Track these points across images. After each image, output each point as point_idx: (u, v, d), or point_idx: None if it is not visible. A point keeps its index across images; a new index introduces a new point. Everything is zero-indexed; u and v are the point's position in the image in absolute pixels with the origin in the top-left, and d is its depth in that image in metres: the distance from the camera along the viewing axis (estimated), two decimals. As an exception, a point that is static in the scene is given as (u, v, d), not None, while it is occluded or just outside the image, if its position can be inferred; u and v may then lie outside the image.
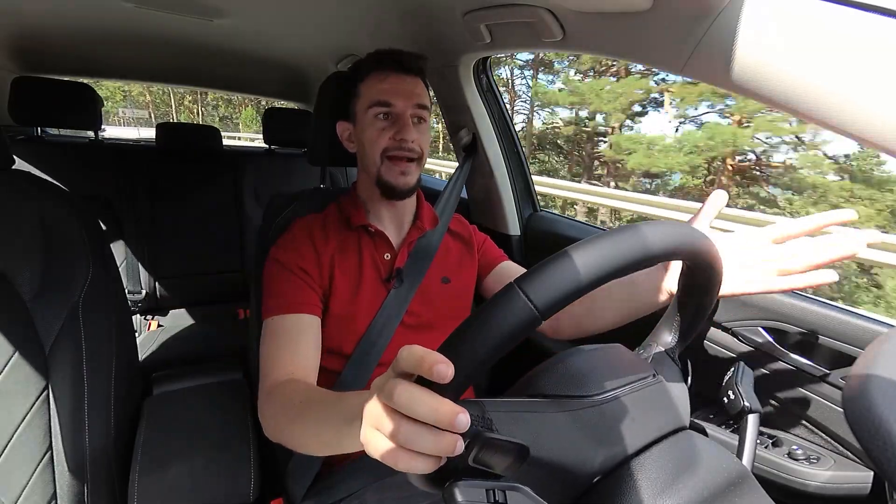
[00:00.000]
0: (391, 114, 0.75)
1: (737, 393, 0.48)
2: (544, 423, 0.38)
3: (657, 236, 0.36)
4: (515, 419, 0.37)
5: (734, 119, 9.79)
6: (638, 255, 0.35)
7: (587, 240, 0.35)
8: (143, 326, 1.71)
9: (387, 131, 0.75)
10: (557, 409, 0.39)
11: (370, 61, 0.77)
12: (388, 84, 0.75)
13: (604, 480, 0.38)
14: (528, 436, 0.36)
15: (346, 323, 0.74)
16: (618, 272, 0.34)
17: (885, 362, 0.33)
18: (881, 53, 0.43)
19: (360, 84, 0.78)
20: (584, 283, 0.33)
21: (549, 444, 0.37)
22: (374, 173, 0.77)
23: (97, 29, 1.39)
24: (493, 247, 0.94)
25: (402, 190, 0.77)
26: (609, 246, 0.34)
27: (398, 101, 0.74)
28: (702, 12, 0.55)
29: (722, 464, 0.40)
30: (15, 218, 0.69)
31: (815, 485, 0.68)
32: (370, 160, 0.77)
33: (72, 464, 0.68)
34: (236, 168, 1.82)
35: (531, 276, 0.33)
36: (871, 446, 0.30)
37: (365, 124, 0.77)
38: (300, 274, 0.72)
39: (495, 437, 0.32)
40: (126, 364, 0.80)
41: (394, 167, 0.75)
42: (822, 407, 0.71)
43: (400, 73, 0.76)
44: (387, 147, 0.75)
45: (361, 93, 0.77)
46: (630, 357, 0.49)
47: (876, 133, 0.45)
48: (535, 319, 0.32)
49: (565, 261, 0.33)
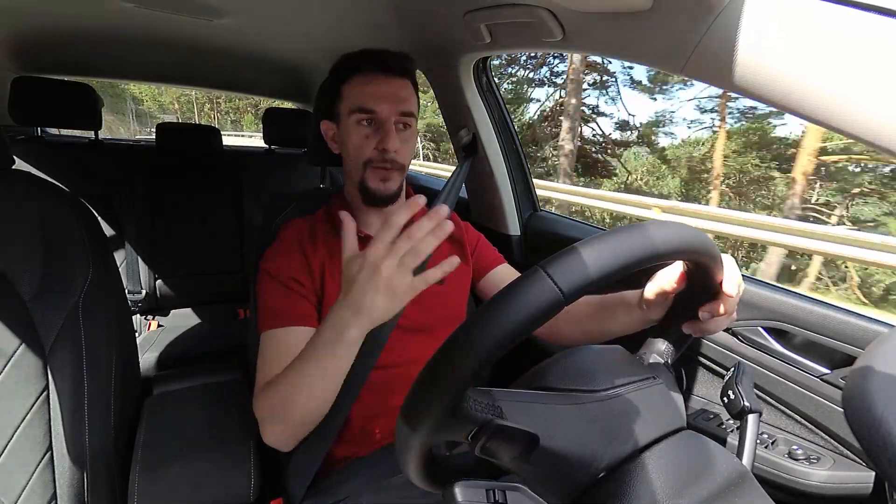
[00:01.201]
0: (374, 120, 0.73)
1: (737, 393, 0.48)
2: (552, 414, 0.38)
3: (679, 233, 0.37)
4: (524, 409, 0.37)
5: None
6: (660, 249, 0.36)
7: (613, 230, 0.36)
8: (143, 326, 1.71)
9: (370, 139, 0.73)
10: (565, 402, 0.40)
11: (353, 62, 0.74)
12: (371, 88, 0.72)
13: (608, 477, 0.38)
14: (537, 426, 0.36)
15: None
16: (640, 263, 0.34)
17: (884, 362, 0.33)
18: (881, 53, 0.43)
19: (343, 85, 0.75)
20: (608, 269, 0.33)
21: (557, 435, 0.37)
22: (356, 179, 0.76)
23: (97, 29, 1.39)
24: (487, 248, 0.93)
25: (384, 196, 0.76)
26: (634, 237, 0.35)
27: (382, 107, 0.72)
28: (702, 12, 0.55)
29: (722, 464, 0.40)
30: (15, 218, 0.69)
31: (815, 484, 0.68)
32: (353, 166, 0.76)
33: (72, 464, 0.68)
34: (236, 168, 1.82)
35: (557, 260, 0.33)
36: (870, 446, 0.30)
37: (348, 129, 0.74)
38: (292, 285, 0.72)
39: (506, 423, 0.32)
40: (126, 364, 0.80)
41: (375, 174, 0.74)
42: (822, 407, 0.71)
43: (385, 76, 0.73)
44: (370, 157, 0.73)
45: (344, 95, 0.75)
46: (631, 358, 0.49)
47: (876, 133, 0.45)
48: (560, 302, 0.31)
49: (591, 247, 0.34)
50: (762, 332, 0.77)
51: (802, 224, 4.88)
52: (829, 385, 0.70)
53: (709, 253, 0.42)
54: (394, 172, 0.75)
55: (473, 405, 0.34)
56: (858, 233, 4.31)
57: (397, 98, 0.73)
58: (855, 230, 5.40)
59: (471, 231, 0.93)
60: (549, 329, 0.78)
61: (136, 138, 2.32)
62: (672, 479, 0.37)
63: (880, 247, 3.86)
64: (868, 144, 0.46)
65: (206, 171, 1.79)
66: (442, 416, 0.33)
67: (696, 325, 0.51)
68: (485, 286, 0.89)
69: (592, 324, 0.73)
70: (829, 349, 0.70)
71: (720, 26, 0.54)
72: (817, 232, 4.41)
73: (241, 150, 1.99)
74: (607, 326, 0.70)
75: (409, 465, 0.38)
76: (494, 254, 0.93)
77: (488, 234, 0.98)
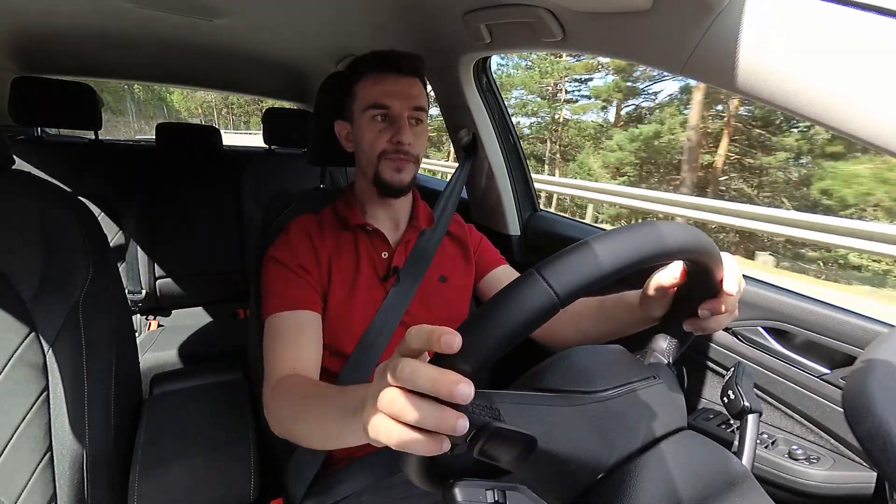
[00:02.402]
0: (388, 115, 0.75)
1: (737, 393, 0.48)
2: (552, 416, 0.38)
3: (674, 234, 0.37)
4: (522, 411, 0.37)
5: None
6: (656, 250, 0.36)
7: (606, 232, 0.36)
8: (143, 326, 1.71)
9: (384, 133, 0.75)
10: (564, 402, 0.39)
11: (367, 62, 0.77)
12: (385, 86, 0.75)
13: (607, 478, 0.38)
14: (536, 428, 0.36)
15: (342, 322, 0.74)
16: (634, 264, 0.34)
17: (884, 362, 0.33)
18: (881, 53, 0.43)
19: (357, 85, 0.78)
20: (603, 271, 0.33)
21: (556, 436, 0.37)
22: (370, 173, 0.77)
23: (97, 29, 1.39)
24: (489, 249, 0.93)
25: (399, 187, 0.77)
26: (627, 238, 0.35)
27: (395, 103, 0.74)
28: (702, 12, 0.55)
29: (722, 464, 0.40)
30: (15, 218, 0.69)
31: (815, 484, 0.68)
32: (367, 160, 0.77)
33: (72, 464, 0.68)
34: (236, 168, 1.82)
35: (551, 263, 0.33)
36: (870, 446, 0.30)
37: (362, 126, 0.77)
38: (299, 272, 0.73)
39: (504, 426, 0.32)
40: (126, 364, 0.80)
41: (389, 164, 0.76)
42: (822, 407, 0.71)
43: (397, 75, 0.76)
44: (384, 150, 0.75)
45: (358, 94, 0.77)
46: (631, 358, 0.49)
47: (875, 133, 0.45)
48: (555, 305, 0.31)
49: (584, 249, 0.34)
50: (762, 332, 0.77)
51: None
52: (829, 385, 0.70)
53: (706, 252, 0.42)
54: (408, 163, 0.77)
55: (471, 408, 0.34)
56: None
57: (409, 94, 0.76)
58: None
59: (474, 233, 0.94)
60: (547, 330, 0.78)
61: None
62: (672, 479, 0.37)
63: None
64: (868, 145, 0.46)
65: (206, 171, 1.79)
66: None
67: (697, 322, 0.51)
68: (484, 287, 0.90)
69: (592, 325, 0.73)
70: (829, 349, 0.70)
71: (720, 26, 0.54)
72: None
73: (240, 151, 1.99)
74: (607, 327, 0.70)
75: (409, 465, 0.38)
76: (495, 255, 0.93)
77: (488, 234, 0.98)
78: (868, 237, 3.83)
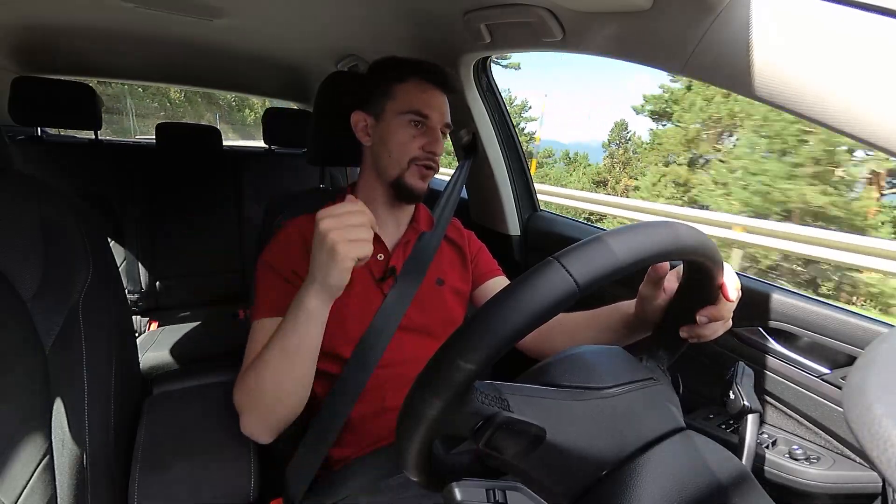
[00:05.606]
0: (425, 125, 0.78)
1: (737, 393, 0.48)
2: (559, 409, 0.38)
3: (690, 234, 0.38)
4: (530, 404, 0.37)
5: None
6: (672, 247, 0.36)
7: (623, 227, 0.36)
8: (143, 326, 1.71)
9: (417, 140, 0.77)
10: (570, 397, 0.40)
11: (412, 67, 0.79)
12: (429, 97, 0.78)
13: (611, 475, 0.38)
14: (543, 421, 0.36)
15: (337, 324, 0.74)
16: (650, 259, 0.35)
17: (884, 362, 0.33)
18: (881, 53, 0.43)
19: (398, 86, 0.79)
20: (619, 263, 0.33)
21: (563, 430, 0.37)
22: (393, 175, 0.78)
23: (97, 29, 1.39)
24: (487, 259, 0.94)
25: (419, 193, 0.80)
26: (645, 233, 0.36)
27: (434, 115, 0.78)
28: (702, 12, 0.55)
29: (722, 464, 0.40)
30: (14, 218, 0.69)
31: (815, 484, 0.68)
32: (393, 162, 0.78)
33: (72, 464, 0.68)
34: (236, 168, 1.82)
35: (569, 252, 0.33)
36: (870, 446, 0.30)
37: (395, 126, 0.78)
38: (291, 277, 0.73)
39: (514, 416, 0.31)
40: (126, 364, 0.80)
41: (417, 171, 0.78)
42: (822, 407, 0.71)
43: (440, 88, 0.80)
44: (416, 156, 0.78)
45: (398, 95, 0.78)
46: (632, 359, 0.49)
47: (875, 133, 0.45)
48: (574, 293, 0.32)
49: (602, 241, 0.34)
50: (762, 332, 0.77)
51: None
52: (830, 385, 0.70)
53: (713, 256, 0.43)
54: (431, 173, 0.80)
55: (480, 398, 0.34)
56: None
57: (445, 110, 0.81)
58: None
59: (473, 241, 0.94)
60: (542, 342, 0.78)
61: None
62: (673, 479, 0.37)
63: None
64: (868, 144, 0.46)
65: (206, 172, 1.79)
66: (453, 394, 0.32)
67: (694, 329, 0.51)
68: (479, 296, 0.90)
69: (587, 336, 0.73)
70: (829, 349, 0.70)
71: (720, 26, 0.54)
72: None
73: (240, 151, 1.99)
74: (602, 336, 0.70)
75: (409, 465, 0.38)
76: (493, 266, 0.93)
77: (489, 234, 0.98)
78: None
